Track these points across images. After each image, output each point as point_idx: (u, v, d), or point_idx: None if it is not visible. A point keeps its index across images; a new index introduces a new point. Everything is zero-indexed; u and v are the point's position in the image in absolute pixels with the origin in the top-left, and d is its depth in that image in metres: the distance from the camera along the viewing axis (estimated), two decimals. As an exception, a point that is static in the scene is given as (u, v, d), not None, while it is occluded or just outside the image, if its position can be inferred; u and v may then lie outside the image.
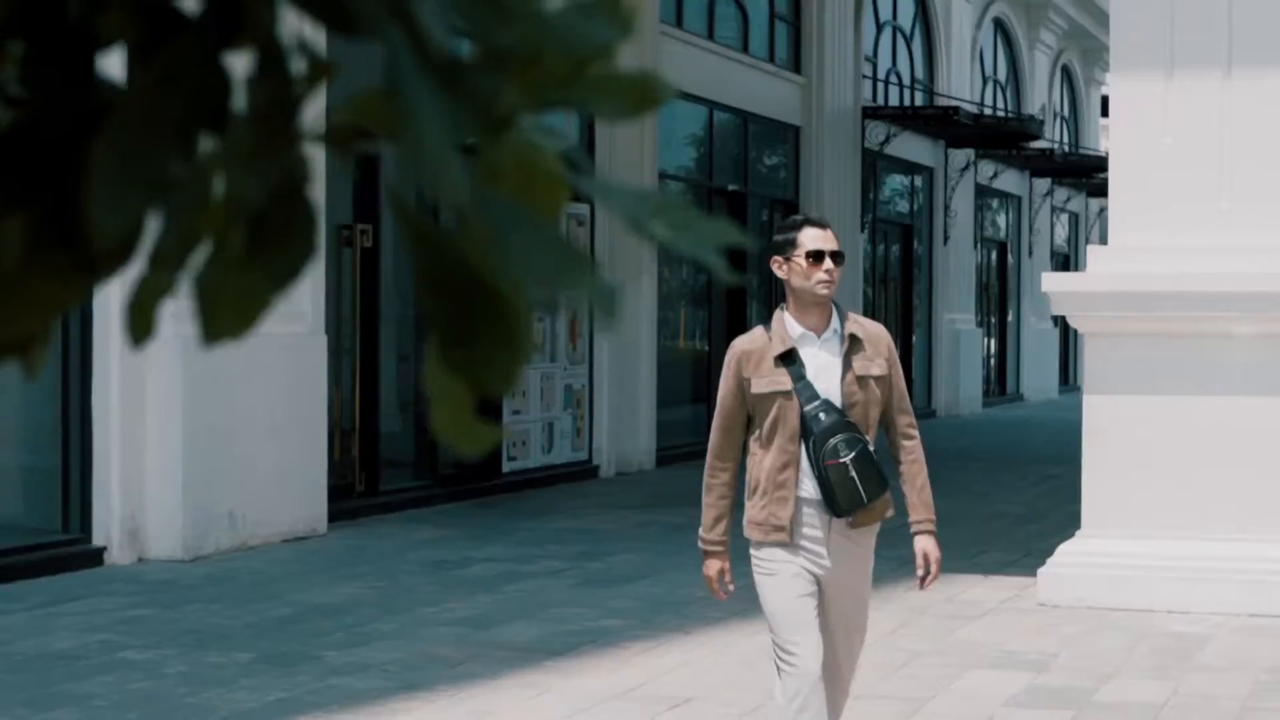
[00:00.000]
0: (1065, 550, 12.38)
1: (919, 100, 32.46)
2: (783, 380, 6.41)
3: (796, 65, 27.20)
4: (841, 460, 6.31)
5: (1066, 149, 40.27)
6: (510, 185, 1.30)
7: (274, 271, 1.29)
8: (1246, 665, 10.26)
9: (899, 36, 31.93)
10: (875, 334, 6.66)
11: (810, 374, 6.42)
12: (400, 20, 1.24)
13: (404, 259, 17.87)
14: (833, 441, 6.33)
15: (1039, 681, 9.79)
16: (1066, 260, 43.08)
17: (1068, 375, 42.54)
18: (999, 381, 38.85)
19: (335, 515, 15.74)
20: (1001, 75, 38.49)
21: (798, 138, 27.26)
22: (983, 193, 36.49)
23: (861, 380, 6.48)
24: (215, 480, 14.08)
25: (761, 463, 6.49)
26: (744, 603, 12.13)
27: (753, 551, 6.58)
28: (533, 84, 1.30)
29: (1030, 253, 40.09)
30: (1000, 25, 38.00)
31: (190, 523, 13.87)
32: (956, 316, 34.03)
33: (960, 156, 33.89)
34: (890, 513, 6.62)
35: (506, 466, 19.11)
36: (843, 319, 6.58)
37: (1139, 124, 12.36)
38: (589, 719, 8.81)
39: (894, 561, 14.21)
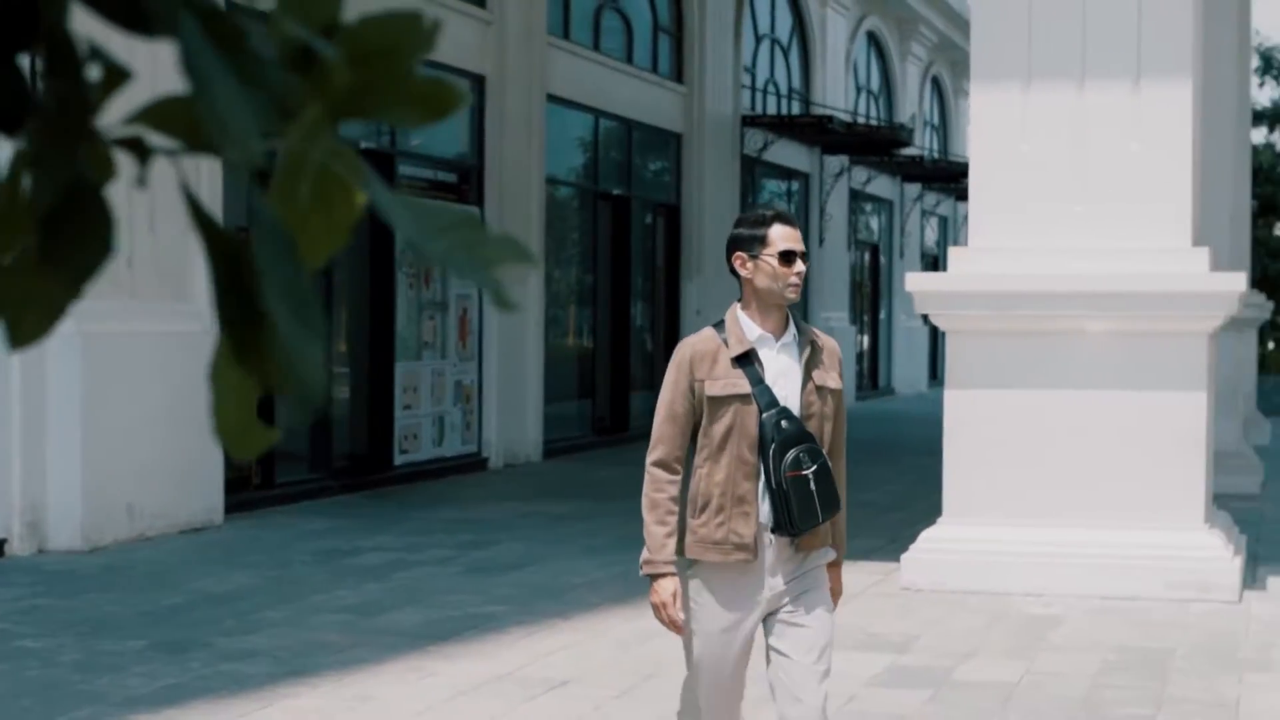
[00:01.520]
0: (927, 537, 12.45)
1: (795, 109, 32.56)
2: (740, 383, 5.70)
3: (678, 75, 27.24)
4: (804, 472, 5.62)
5: (935, 155, 40.49)
6: (308, 198, 1.28)
7: (69, 273, 1.26)
8: (1096, 645, 10.35)
9: (776, 48, 32.02)
10: (832, 346, 5.98)
11: (769, 378, 5.73)
12: (197, 18, 1.21)
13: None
14: (794, 452, 5.64)
15: (900, 662, 9.84)
16: (935, 261, 43.31)
17: (936, 370, 42.77)
18: (871, 376, 39.04)
19: (231, 507, 15.62)
20: (874, 85, 38.67)
21: (679, 144, 27.28)
22: (856, 197, 36.65)
23: (820, 391, 5.80)
24: (114, 473, 13.94)
25: (712, 476, 5.73)
26: (622, 588, 12.17)
27: (691, 583, 5.82)
28: (332, 94, 1.28)
29: (901, 254, 40.32)
30: (873, 38, 38.18)
31: (89, 515, 13.72)
32: (831, 315, 34.14)
33: (835, 163, 34.02)
34: (830, 542, 5.87)
35: (398, 459, 19.03)
36: (799, 325, 5.89)
37: (998, 131, 12.45)
38: (470, 701, 8.78)
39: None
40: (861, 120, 35.14)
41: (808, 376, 5.78)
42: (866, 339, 38.90)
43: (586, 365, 24.77)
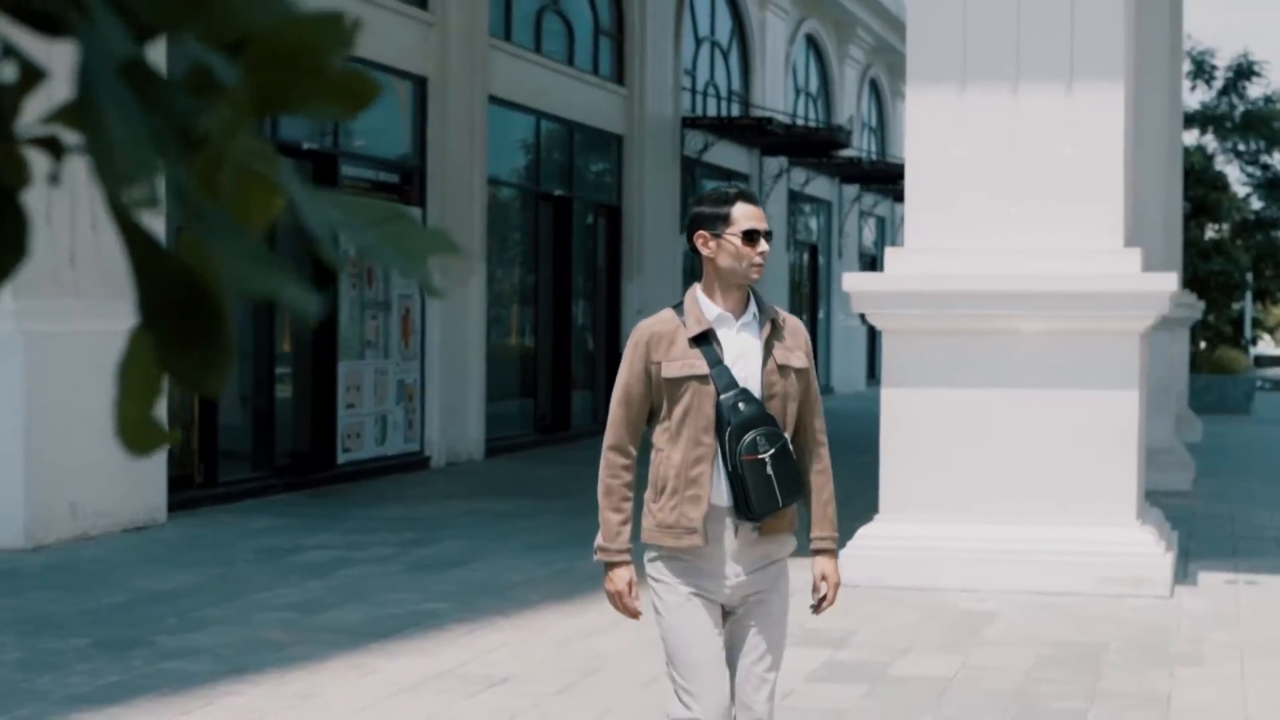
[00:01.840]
0: (865, 533, 12.47)
1: (735, 111, 32.58)
2: (698, 364, 5.49)
3: (619, 77, 27.22)
4: (760, 456, 5.41)
5: (873, 157, 40.60)
6: (227, 191, 1.26)
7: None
8: (1030, 640, 10.39)
9: (716, 51, 32.03)
10: (795, 325, 5.78)
11: (728, 358, 5.52)
12: (101, 26, 1.19)
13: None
14: (751, 434, 5.43)
15: (838, 657, 9.85)
16: (873, 261, 43.37)
17: (873, 369, 42.85)
18: (810, 375, 38.98)
19: (175, 506, 15.54)
20: (813, 87, 38.73)
21: (620, 146, 27.26)
22: (795, 198, 36.70)
23: (783, 370, 5.58)
24: (57, 472, 13.85)
25: (670, 458, 5.55)
26: (563, 585, 12.16)
27: (651, 565, 5.67)
28: (252, 90, 1.26)
29: (840, 254, 40.39)
30: (812, 41, 38.24)
31: (32, 513, 13.63)
32: (771, 314, 34.13)
33: (774, 164, 34.05)
34: (796, 525, 5.64)
35: (341, 458, 18.97)
36: (761, 304, 5.68)
37: (934, 133, 12.47)
38: (410, 698, 8.74)
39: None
40: (800, 122, 35.20)
41: (768, 355, 5.57)
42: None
43: (528, 364, 24.74)
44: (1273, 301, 57.15)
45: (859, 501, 15.39)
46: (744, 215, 5.60)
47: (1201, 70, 45.99)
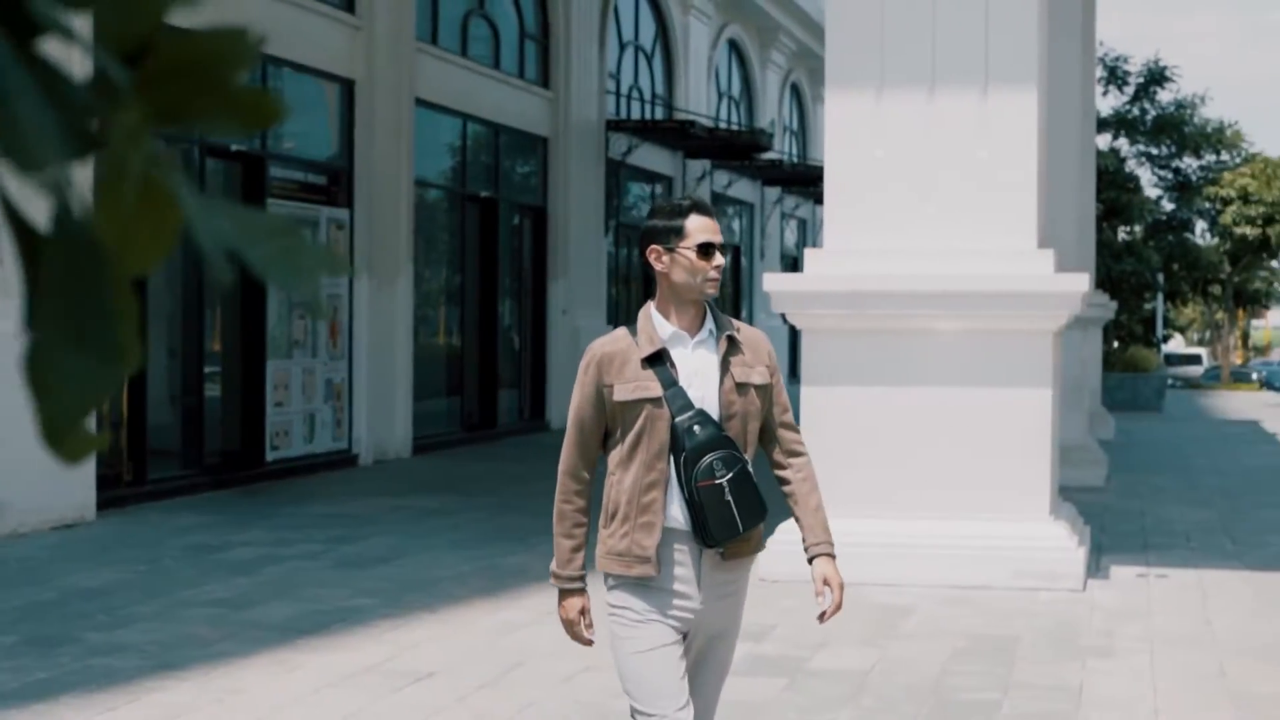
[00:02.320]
0: (785, 529, 12.46)
1: (659, 114, 32.59)
2: (651, 386, 5.17)
3: (545, 81, 27.19)
4: (717, 481, 5.10)
5: (795, 160, 40.72)
6: (128, 202, 1.24)
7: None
8: (946, 633, 10.43)
9: (640, 55, 32.03)
10: (754, 338, 5.40)
11: (683, 379, 5.21)
12: (7, 24, 1.17)
13: (173, 257, 17.55)
14: (708, 459, 5.12)
15: (758, 651, 9.85)
16: (795, 262, 43.46)
17: (795, 368, 42.92)
18: (733, 374, 39.06)
19: (104, 504, 15.42)
20: (735, 91, 38.79)
21: (546, 148, 27.23)
22: (718, 200, 36.71)
23: (741, 388, 5.26)
24: (-15, 471, 13.73)
25: (621, 483, 5.23)
26: (488, 581, 12.13)
27: (609, 594, 5.32)
28: (152, 103, 1.24)
29: (762, 255, 40.47)
30: (734, 45, 38.30)
31: (-39, 512, 13.51)
32: (694, 314, 34.18)
33: (697, 166, 34.09)
34: (763, 548, 5.49)
35: (270, 456, 18.86)
36: (717, 319, 5.35)
37: (853, 137, 12.50)
38: (337, 693, 8.70)
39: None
40: (723, 125, 35.25)
41: (725, 374, 5.25)
42: (728, 337, 38.96)
43: (455, 363, 24.69)
44: (1183, 301, 57.65)
45: (779, 498, 15.44)
46: (698, 228, 5.29)
47: (1114, 76, 46.36)
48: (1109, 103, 46.91)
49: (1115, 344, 41.18)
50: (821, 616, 5.49)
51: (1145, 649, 10.12)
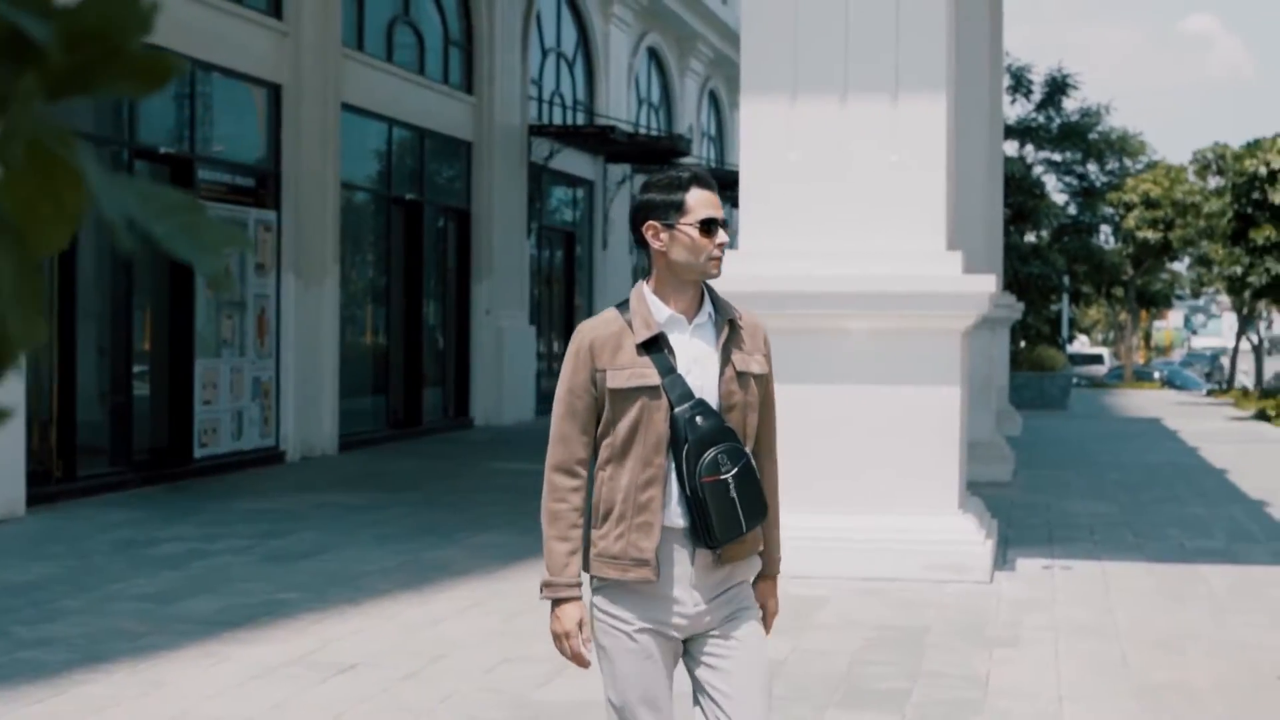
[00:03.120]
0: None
1: (580, 119, 32.53)
2: (648, 373, 4.66)
3: (468, 86, 27.12)
4: (722, 477, 4.60)
5: (712, 165, 40.73)
6: (30, 176, 1.20)
7: None
8: (858, 624, 10.44)
9: (562, 61, 31.98)
10: (754, 324, 4.88)
11: (681, 366, 4.69)
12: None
13: (104, 257, 17.40)
14: (712, 453, 4.61)
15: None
16: (713, 264, 43.46)
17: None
18: (653, 373, 39.09)
19: (33, 500, 15.28)
20: (655, 98, 38.78)
21: (470, 152, 27.17)
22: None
23: (742, 378, 4.75)
24: (-85, 468, 13.57)
25: (616, 480, 4.70)
26: (411, 574, 12.06)
27: (597, 598, 4.75)
28: (51, 74, 1.20)
29: (681, 257, 40.45)
30: (654, 53, 38.30)
31: (-109, 508, 13.34)
32: (615, 314, 34.19)
33: (617, 170, 34.06)
34: (761, 547, 4.89)
35: (198, 453, 18.72)
36: (716, 302, 4.83)
37: (767, 142, 12.50)
38: (262, 685, 8.62)
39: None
40: (643, 131, 35.21)
41: (726, 361, 4.74)
42: (648, 337, 38.99)
43: (381, 362, 24.59)
44: (1088, 303, 58.07)
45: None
46: (700, 202, 4.75)
47: (1020, 84, 46.65)
48: (1016, 110, 47.19)
49: (1022, 344, 41.42)
50: None
51: (1050, 639, 10.16)
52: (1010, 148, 45.95)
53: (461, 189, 27.14)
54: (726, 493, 4.61)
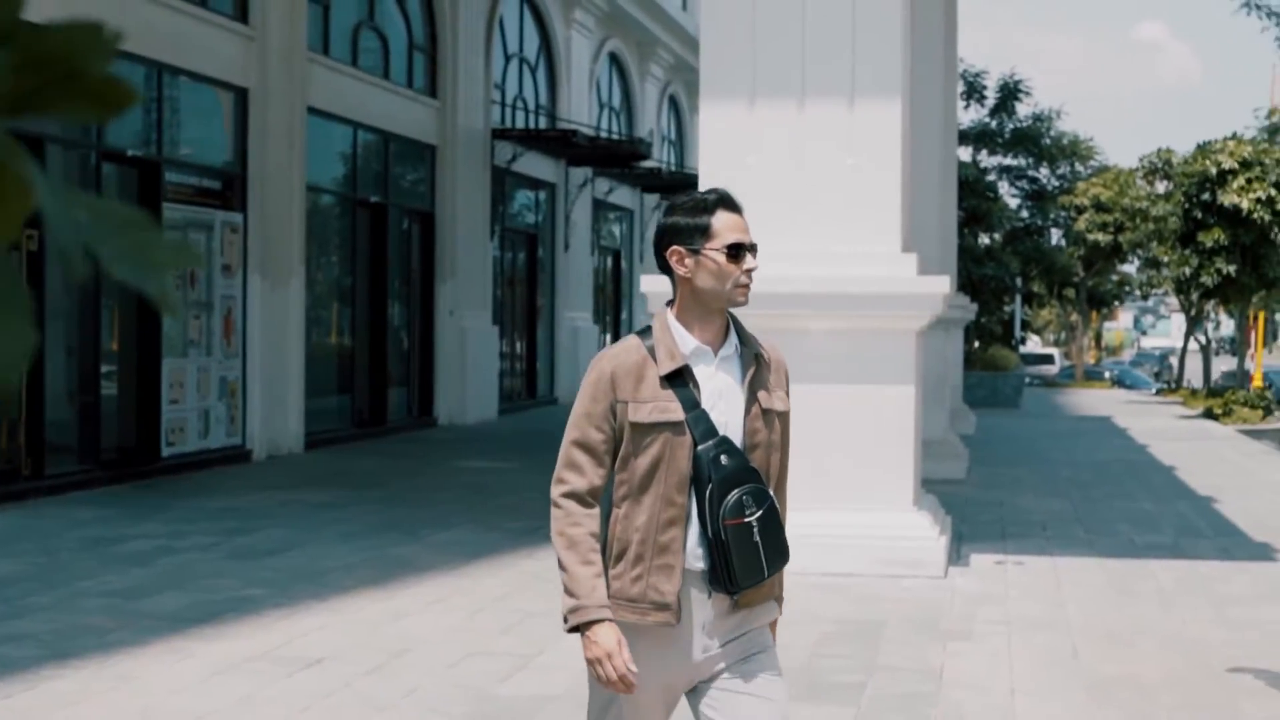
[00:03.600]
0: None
1: (542, 123, 32.52)
2: (671, 408, 4.35)
3: (432, 91, 27.07)
4: (747, 520, 4.31)
5: (672, 168, 40.72)
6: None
7: None
8: (815, 618, 10.46)
9: (525, 66, 31.95)
10: (778, 359, 4.65)
11: (705, 401, 4.39)
12: None
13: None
14: (736, 494, 4.32)
15: (635, 637, 9.82)
16: (673, 266, 43.43)
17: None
18: (614, 372, 39.10)
19: (2, 498, 15.23)
20: (616, 102, 38.78)
21: (434, 156, 27.13)
22: (599, 206, 36.73)
23: (766, 416, 4.47)
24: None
25: (632, 519, 4.37)
26: (374, 571, 12.04)
27: None
28: (6, 94, 1.20)
29: (641, 259, 40.50)
30: (615, 58, 38.29)
31: None
32: (576, 315, 34.21)
33: (579, 174, 34.06)
34: (779, 591, 4.59)
35: (166, 451, 18.65)
36: (741, 334, 4.54)
37: (726, 145, 12.51)
38: (227, 679, 8.60)
39: (510, 532, 14.23)
40: (604, 135, 35.21)
41: (752, 398, 4.45)
42: (610, 338, 39.03)
43: (346, 362, 24.53)
44: (1040, 304, 58.25)
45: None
46: (726, 226, 4.46)
47: (974, 90, 46.77)
48: (970, 116, 47.32)
49: (976, 344, 41.52)
50: None
51: (1003, 632, 10.20)
52: (964, 153, 46.08)
53: (425, 191, 27.10)
54: (750, 536, 4.33)
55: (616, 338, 39.52)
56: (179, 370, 18.95)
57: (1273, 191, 36.48)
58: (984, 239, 44.72)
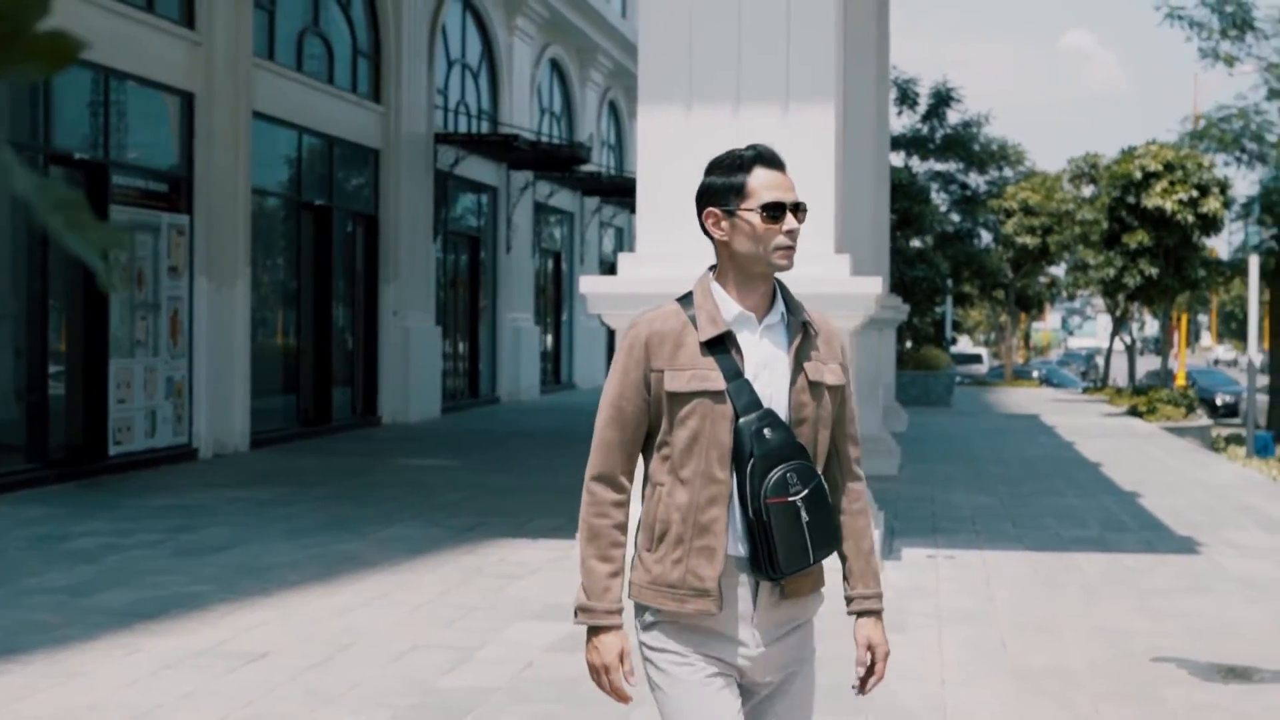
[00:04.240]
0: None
1: (484, 128, 32.47)
2: (712, 376, 3.92)
3: (376, 96, 27.00)
4: (791, 498, 3.88)
5: (612, 172, 40.74)
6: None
7: None
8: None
9: (467, 72, 31.89)
10: (829, 329, 4.15)
11: (749, 371, 3.96)
12: None
13: (19, 259, 17.20)
14: (780, 471, 3.88)
15: (576, 630, 9.81)
16: (613, 268, 43.46)
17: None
18: (554, 371, 39.11)
19: (-50, 496, 15.09)
20: (556, 107, 38.75)
21: (378, 159, 27.05)
22: (540, 209, 36.68)
23: (815, 388, 4.01)
24: None
25: (673, 496, 3.95)
26: (319, 567, 11.99)
27: (644, 633, 4.04)
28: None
29: (581, 261, 40.49)
30: (556, 64, 38.26)
31: None
32: (518, 316, 34.16)
33: (520, 177, 34.02)
34: (824, 585, 4.20)
35: (113, 450, 18.53)
36: (789, 301, 4.10)
37: (663, 148, 12.51)
38: (174, 674, 8.55)
39: (452, 528, 14.20)
40: (545, 139, 35.18)
41: (799, 369, 4.01)
42: (550, 338, 39.00)
43: (291, 362, 24.43)
44: (970, 305, 58.51)
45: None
46: (763, 184, 4.01)
47: (906, 97, 46.93)
48: (903, 122, 47.49)
49: (908, 343, 41.69)
50: (862, 687, 4.28)
51: (934, 624, 10.24)
52: (897, 158, 46.25)
53: (369, 195, 27.02)
54: (795, 517, 3.91)
55: (557, 338, 39.50)
56: (126, 370, 18.83)
57: (1195, 194, 36.78)
58: (916, 242, 44.87)
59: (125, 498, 16.25)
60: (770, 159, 4.05)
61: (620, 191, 38.88)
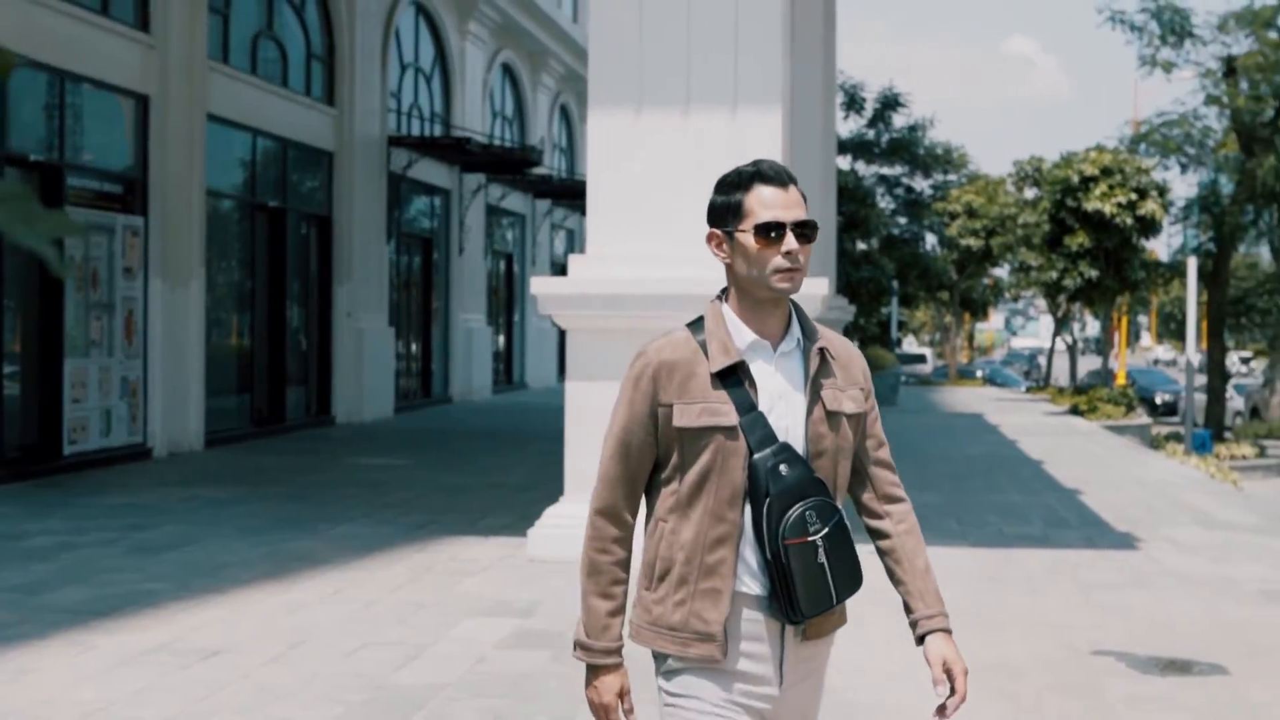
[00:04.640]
0: (551, 513, 12.46)
1: (437, 131, 32.39)
2: (724, 410, 3.65)
3: (330, 99, 26.90)
4: (810, 539, 3.63)
5: (563, 175, 40.71)
6: None
7: None
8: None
9: (420, 76, 31.80)
10: (847, 353, 3.87)
11: (763, 403, 3.68)
12: None
13: (-30, 264, 17.06)
14: (798, 509, 3.62)
15: (526, 625, 9.81)
16: (564, 269, 43.42)
17: (563, 366, 42.86)
18: (506, 372, 39.06)
19: (-95, 495, 14.95)
20: (509, 111, 38.70)
21: (331, 162, 26.96)
22: (493, 211, 36.63)
23: (833, 418, 3.75)
24: None
25: (677, 534, 3.69)
26: (272, 565, 11.93)
27: (665, 680, 3.79)
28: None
29: (533, 262, 40.45)
30: (508, 69, 38.21)
31: None
32: (470, 316, 34.09)
33: (473, 180, 33.95)
34: (845, 623, 3.90)
35: (68, 449, 18.41)
36: (805, 326, 3.81)
37: (613, 151, 12.51)
38: (127, 671, 8.49)
39: (404, 526, 14.16)
40: (497, 142, 35.13)
41: (816, 398, 3.74)
42: (502, 338, 38.94)
43: (245, 362, 24.31)
44: (915, 306, 58.71)
45: (547, 485, 15.42)
46: (761, 202, 3.72)
47: (853, 102, 47.05)
48: (849, 126, 47.64)
49: (854, 344, 41.75)
50: (943, 710, 3.84)
51: (882, 620, 10.24)
52: (844, 162, 46.36)
53: (323, 197, 26.92)
54: (815, 557, 3.66)
55: (509, 338, 39.45)
56: (81, 370, 18.71)
57: (1134, 197, 36.99)
58: (862, 244, 45.00)
59: (80, 496, 16.14)
60: (772, 175, 3.77)
61: (571, 194, 38.86)
